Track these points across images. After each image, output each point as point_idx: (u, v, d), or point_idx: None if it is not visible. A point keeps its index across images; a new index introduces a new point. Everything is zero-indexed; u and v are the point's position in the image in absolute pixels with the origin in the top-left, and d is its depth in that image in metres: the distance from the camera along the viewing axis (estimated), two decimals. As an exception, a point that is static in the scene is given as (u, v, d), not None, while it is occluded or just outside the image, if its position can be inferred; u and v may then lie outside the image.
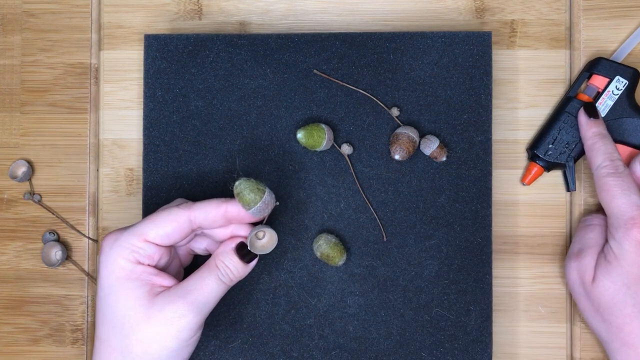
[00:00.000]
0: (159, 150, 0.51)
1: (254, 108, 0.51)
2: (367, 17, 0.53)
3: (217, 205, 0.43)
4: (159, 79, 0.51)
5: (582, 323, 0.51)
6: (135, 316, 0.41)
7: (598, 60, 0.51)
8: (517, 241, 0.52)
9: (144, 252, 0.42)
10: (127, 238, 0.42)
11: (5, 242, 0.53)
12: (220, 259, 0.43)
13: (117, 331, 0.41)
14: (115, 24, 0.54)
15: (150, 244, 0.42)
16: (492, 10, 0.53)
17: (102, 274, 0.42)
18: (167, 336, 0.41)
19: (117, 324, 0.41)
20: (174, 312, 0.41)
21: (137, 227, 0.43)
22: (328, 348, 0.50)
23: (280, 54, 0.50)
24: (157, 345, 0.41)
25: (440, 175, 0.50)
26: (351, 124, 0.50)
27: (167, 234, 0.42)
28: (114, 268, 0.42)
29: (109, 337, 0.42)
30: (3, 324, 0.53)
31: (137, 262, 0.42)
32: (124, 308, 0.41)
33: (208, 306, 0.42)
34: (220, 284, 0.43)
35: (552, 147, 0.50)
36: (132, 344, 0.41)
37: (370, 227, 0.50)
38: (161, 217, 0.43)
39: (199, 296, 0.42)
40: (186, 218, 0.43)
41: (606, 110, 0.50)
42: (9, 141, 0.54)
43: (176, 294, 0.42)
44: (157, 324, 0.41)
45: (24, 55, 0.54)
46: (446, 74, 0.50)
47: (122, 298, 0.41)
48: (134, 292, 0.41)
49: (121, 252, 0.42)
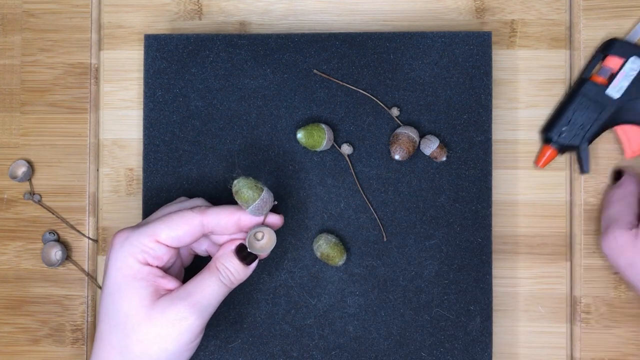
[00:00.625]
0: (159, 150, 0.51)
1: (254, 108, 0.51)
2: (367, 17, 0.53)
3: (231, 213, 0.43)
4: (159, 79, 0.51)
5: (582, 323, 0.51)
6: (137, 316, 0.41)
7: (612, 41, 0.50)
8: (517, 241, 0.52)
9: (153, 253, 0.42)
10: (139, 237, 0.42)
11: (5, 242, 0.53)
12: (221, 262, 0.43)
13: (118, 330, 0.41)
14: (115, 24, 0.54)
15: (160, 245, 0.42)
16: (492, 10, 0.53)
17: (110, 270, 0.42)
18: (168, 338, 0.41)
19: (119, 322, 0.41)
20: (176, 314, 0.41)
21: (149, 227, 0.42)
22: (328, 348, 0.50)
23: (280, 54, 0.50)
24: (157, 347, 0.41)
25: (440, 175, 0.50)
26: (351, 124, 0.50)
27: (178, 236, 0.42)
28: (122, 266, 0.42)
29: (109, 335, 0.42)
30: (3, 324, 0.53)
31: (145, 263, 0.42)
32: (127, 307, 0.41)
33: (209, 309, 0.42)
34: (221, 286, 0.43)
35: (566, 129, 0.50)
36: (132, 343, 0.41)
37: (370, 227, 0.50)
38: (174, 220, 0.43)
39: (201, 299, 0.42)
40: (199, 222, 0.43)
41: (621, 92, 0.49)
42: (9, 141, 0.54)
43: (178, 297, 0.42)
44: (157, 326, 0.41)
45: (24, 55, 0.54)
46: (446, 74, 0.50)
47: (126, 297, 0.41)
48: (139, 292, 0.41)
49: (131, 251, 0.42)
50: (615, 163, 0.52)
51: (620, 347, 0.51)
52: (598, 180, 0.52)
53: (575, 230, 0.52)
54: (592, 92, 0.49)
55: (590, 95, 0.49)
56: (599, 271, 0.51)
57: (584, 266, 0.51)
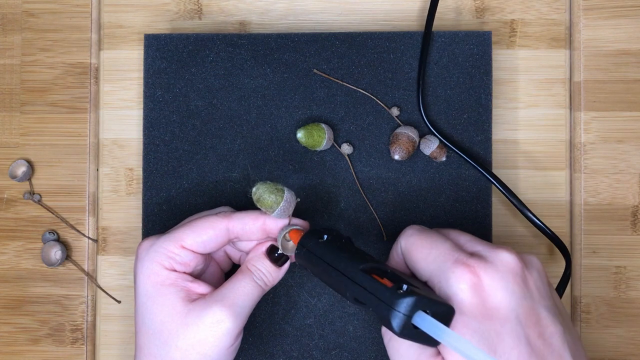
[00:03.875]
0: (159, 150, 0.51)
1: (254, 108, 0.51)
2: (367, 16, 0.53)
3: (256, 217, 0.43)
4: (159, 79, 0.51)
5: (582, 323, 0.51)
6: (173, 323, 0.40)
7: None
8: (517, 241, 0.52)
9: (179, 259, 0.42)
10: (163, 244, 0.42)
11: (5, 242, 0.53)
12: (252, 263, 0.43)
13: (156, 338, 0.40)
14: (115, 23, 0.54)
15: (186, 250, 0.42)
16: (492, 10, 0.53)
17: (139, 280, 0.42)
18: (206, 344, 0.40)
19: (156, 331, 0.40)
20: (212, 317, 0.40)
21: (174, 233, 0.42)
22: (328, 348, 0.50)
23: (280, 53, 0.50)
24: (196, 353, 0.40)
25: (440, 175, 0.50)
26: (351, 124, 0.50)
27: (203, 241, 0.42)
28: (149, 273, 0.41)
29: (149, 345, 0.41)
30: (3, 323, 0.53)
31: (172, 269, 0.41)
32: (161, 315, 0.40)
33: (246, 310, 0.41)
34: (256, 286, 0.42)
35: None
36: (171, 351, 0.40)
37: (370, 227, 0.50)
38: (199, 225, 0.42)
39: (236, 300, 0.41)
40: (224, 227, 0.42)
41: None
42: (9, 141, 0.54)
43: (213, 300, 0.41)
44: (195, 332, 0.40)
45: (24, 55, 0.54)
46: (446, 73, 0.50)
47: (159, 304, 0.41)
48: (170, 299, 0.41)
49: (156, 258, 0.41)
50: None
51: (620, 347, 0.51)
52: (598, 180, 0.52)
53: (575, 230, 0.52)
54: None
55: None
56: (599, 271, 0.51)
57: (584, 266, 0.51)
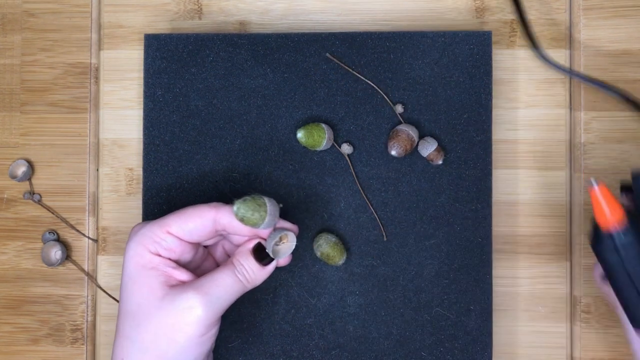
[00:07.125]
0: (159, 150, 0.51)
1: (254, 108, 0.51)
2: (367, 16, 0.53)
3: None
4: (159, 79, 0.51)
5: (582, 323, 0.51)
6: (149, 305, 0.41)
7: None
8: (517, 241, 0.52)
9: (165, 244, 0.42)
10: (151, 228, 0.42)
11: (5, 241, 0.53)
12: (237, 258, 0.43)
13: (131, 319, 0.41)
14: (115, 23, 0.54)
15: (172, 236, 0.42)
16: (492, 10, 0.53)
17: (124, 261, 0.43)
18: (176, 329, 0.40)
19: (132, 312, 0.41)
20: (184, 302, 0.40)
21: (163, 219, 0.43)
22: (328, 347, 0.49)
23: (280, 53, 0.50)
24: (166, 337, 0.40)
25: (440, 175, 0.50)
26: (351, 124, 0.50)
27: (190, 229, 0.42)
28: (134, 255, 0.42)
29: (123, 325, 0.42)
30: (3, 323, 0.53)
31: (156, 253, 0.42)
32: (138, 296, 0.41)
33: (220, 302, 0.41)
34: (236, 280, 0.42)
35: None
36: (142, 332, 0.40)
37: (370, 226, 0.50)
38: (187, 212, 0.43)
39: (212, 289, 0.41)
40: (211, 217, 0.42)
41: None
42: (9, 141, 0.54)
43: (189, 286, 0.41)
44: (166, 316, 0.40)
45: (24, 55, 0.54)
46: (446, 73, 0.50)
47: (138, 286, 0.41)
48: (149, 282, 0.41)
49: (143, 241, 0.42)
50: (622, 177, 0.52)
51: (620, 347, 0.51)
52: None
53: (575, 230, 0.52)
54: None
55: None
56: (599, 271, 0.51)
57: (584, 266, 0.51)
